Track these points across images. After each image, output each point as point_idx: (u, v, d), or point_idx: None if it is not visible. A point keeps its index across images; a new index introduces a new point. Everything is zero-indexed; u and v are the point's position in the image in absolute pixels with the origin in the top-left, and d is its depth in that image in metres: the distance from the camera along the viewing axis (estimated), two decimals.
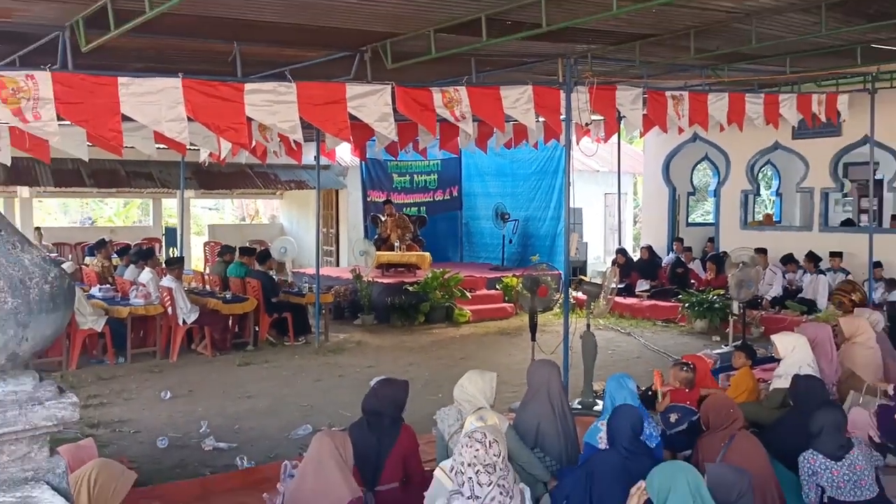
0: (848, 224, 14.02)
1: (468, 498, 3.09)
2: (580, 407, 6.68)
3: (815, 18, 7.23)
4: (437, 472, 3.83)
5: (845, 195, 15.20)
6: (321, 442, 3.84)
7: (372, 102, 6.46)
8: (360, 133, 8.94)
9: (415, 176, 16.45)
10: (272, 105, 6.10)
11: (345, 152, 14.66)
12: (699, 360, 6.44)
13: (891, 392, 5.89)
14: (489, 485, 3.07)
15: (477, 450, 3.13)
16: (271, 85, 6.17)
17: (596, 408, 6.55)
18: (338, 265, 16.82)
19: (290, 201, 19.08)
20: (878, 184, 12.04)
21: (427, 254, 13.55)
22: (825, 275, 11.37)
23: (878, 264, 10.86)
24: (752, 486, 3.51)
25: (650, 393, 5.98)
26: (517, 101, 7.10)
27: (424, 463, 4.77)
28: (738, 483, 3.45)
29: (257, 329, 10.24)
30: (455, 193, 17.12)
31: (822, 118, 10.09)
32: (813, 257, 11.67)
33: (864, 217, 14.63)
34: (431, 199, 16.71)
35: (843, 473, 4.03)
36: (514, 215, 15.43)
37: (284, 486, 4.18)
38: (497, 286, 13.31)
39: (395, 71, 7.99)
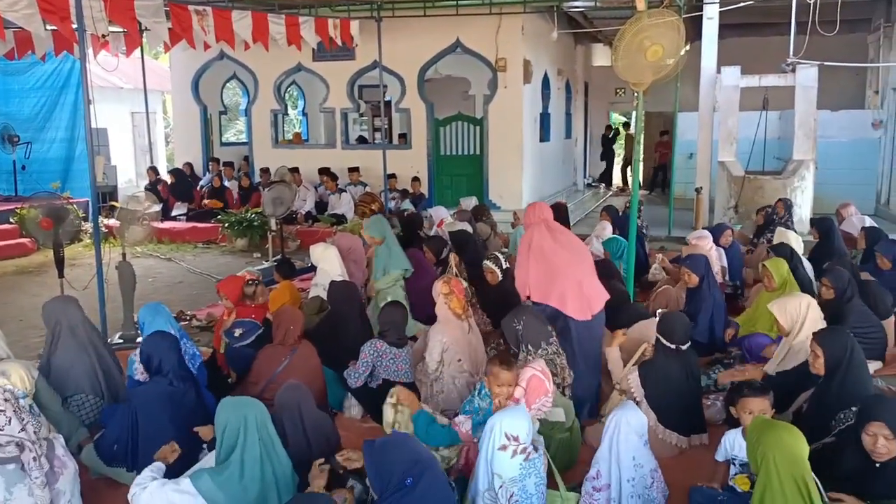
0: (362, 141, 15.57)
1: None
2: (122, 341, 6.35)
3: None
4: None
5: (362, 115, 16.82)
6: None
7: None
8: None
9: None
10: None
11: None
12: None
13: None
14: None
15: None
16: None
17: (139, 340, 6.27)
18: None
19: None
20: (388, 105, 13.54)
21: None
22: (346, 191, 12.47)
23: (392, 176, 12.37)
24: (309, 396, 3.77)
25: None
26: (15, 3, 6.07)
27: None
28: (300, 395, 3.69)
29: None
30: None
31: (339, 42, 10.87)
32: (330, 175, 12.62)
33: (377, 135, 16.41)
34: None
35: (403, 359, 4.71)
36: (24, 138, 13.43)
37: None
38: (11, 220, 11.56)
39: None
